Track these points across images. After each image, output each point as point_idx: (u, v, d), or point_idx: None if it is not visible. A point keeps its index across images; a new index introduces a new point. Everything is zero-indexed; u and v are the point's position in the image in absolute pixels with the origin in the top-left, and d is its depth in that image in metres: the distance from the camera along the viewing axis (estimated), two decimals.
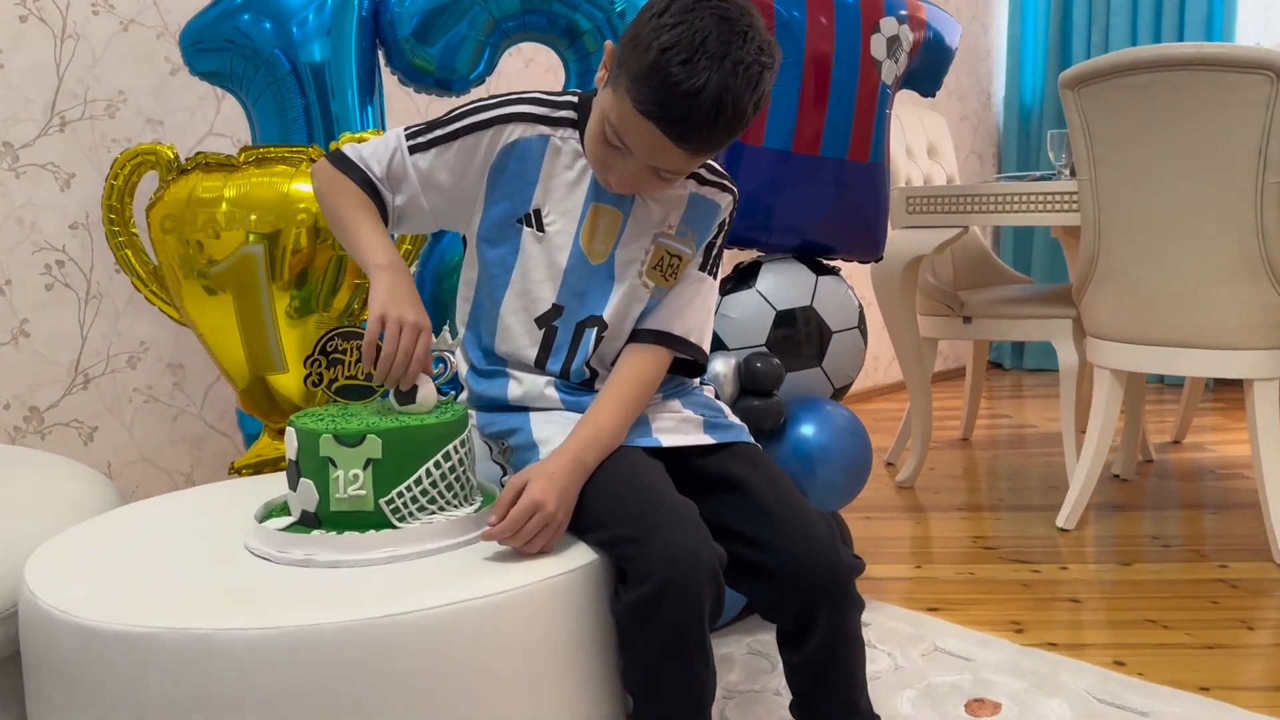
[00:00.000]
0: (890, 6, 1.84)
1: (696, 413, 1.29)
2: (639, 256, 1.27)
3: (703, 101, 1.06)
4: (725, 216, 1.33)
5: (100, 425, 2.23)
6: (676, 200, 1.29)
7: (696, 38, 1.05)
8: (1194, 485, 2.72)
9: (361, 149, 1.25)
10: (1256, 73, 1.94)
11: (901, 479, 2.77)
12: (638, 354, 1.27)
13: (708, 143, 1.12)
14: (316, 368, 1.19)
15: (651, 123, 1.09)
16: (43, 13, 2.10)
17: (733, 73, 1.06)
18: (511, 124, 1.24)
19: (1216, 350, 2.13)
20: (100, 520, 1.24)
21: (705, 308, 1.33)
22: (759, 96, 1.10)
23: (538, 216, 1.25)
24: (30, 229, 2.12)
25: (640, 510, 1.08)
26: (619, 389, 1.23)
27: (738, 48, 1.06)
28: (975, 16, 4.23)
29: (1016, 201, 2.41)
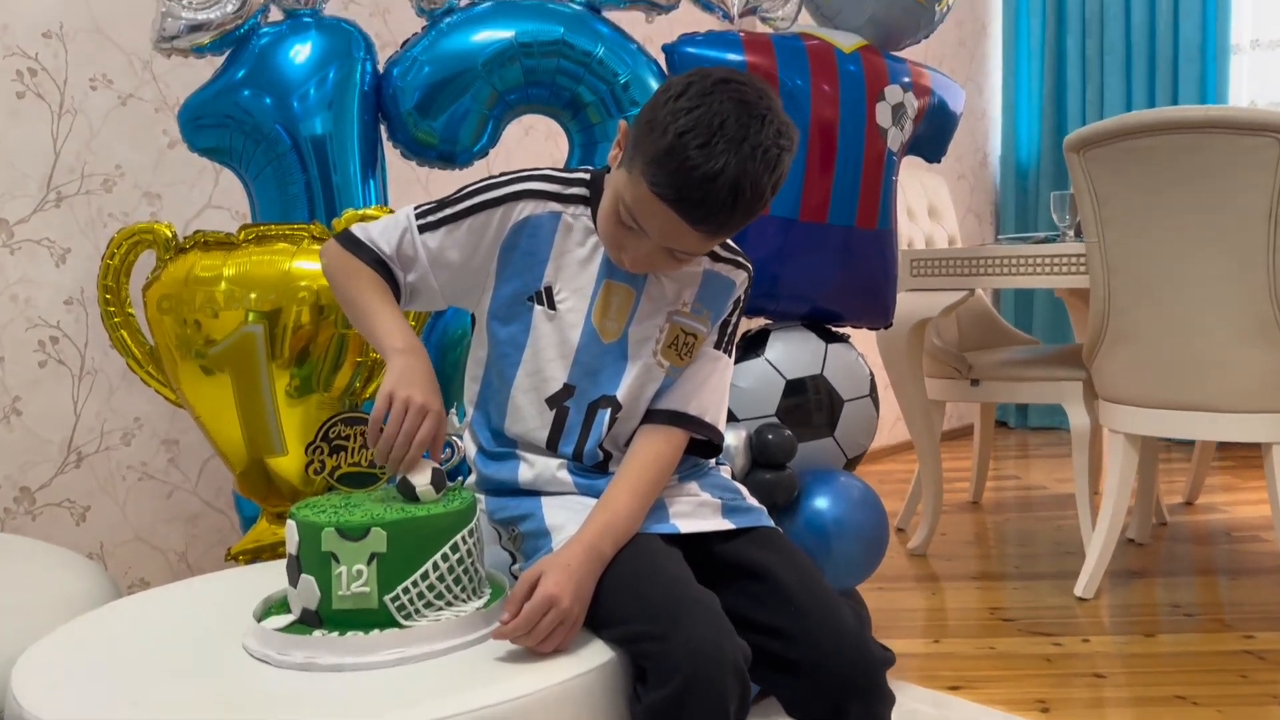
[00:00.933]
0: (894, 74, 1.83)
1: (714, 495, 1.24)
2: (653, 335, 1.23)
3: (720, 186, 1.04)
4: (740, 293, 1.30)
5: (93, 504, 2.17)
6: (691, 277, 1.26)
7: (714, 121, 1.04)
8: (1210, 549, 2.67)
9: (370, 229, 1.22)
10: (1264, 135, 1.93)
11: (913, 546, 2.71)
12: (653, 436, 1.23)
13: (725, 226, 1.09)
14: (319, 455, 1.14)
15: (668, 206, 1.06)
16: (40, 89, 2.09)
17: (751, 156, 1.04)
18: (523, 201, 1.21)
19: (1233, 414, 2.09)
20: (91, 618, 1.19)
21: (721, 387, 1.29)
22: (777, 179, 1.09)
23: (549, 294, 1.22)
24: (24, 305, 2.08)
25: (659, 604, 1.03)
26: (635, 473, 1.18)
27: (756, 131, 1.05)
28: (970, 78, 4.25)
29: (1023, 264, 2.39)
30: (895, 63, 1.86)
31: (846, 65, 1.81)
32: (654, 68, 1.80)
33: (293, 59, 1.67)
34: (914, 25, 1.89)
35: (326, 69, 1.68)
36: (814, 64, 1.79)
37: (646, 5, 1.82)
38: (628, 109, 1.76)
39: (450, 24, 1.72)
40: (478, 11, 1.73)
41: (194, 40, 1.67)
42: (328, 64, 1.68)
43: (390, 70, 1.74)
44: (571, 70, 1.73)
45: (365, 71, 1.71)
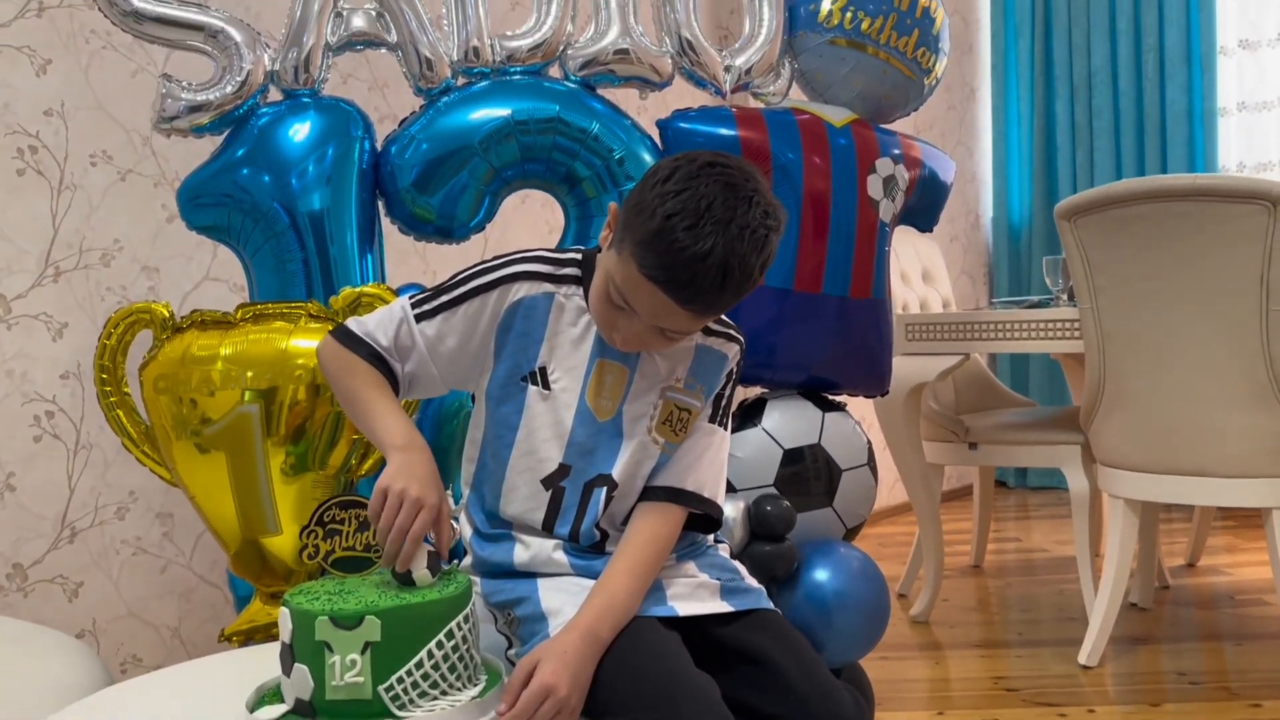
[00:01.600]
0: (885, 147, 1.86)
1: (712, 576, 1.24)
2: (647, 412, 1.24)
3: (709, 266, 1.05)
4: (733, 366, 1.30)
5: (86, 580, 2.15)
6: (683, 353, 1.26)
7: (701, 204, 1.05)
8: (1214, 613, 2.64)
9: (365, 322, 1.23)
10: (1252, 203, 1.95)
11: (915, 613, 2.68)
12: (650, 514, 1.23)
13: (714, 305, 1.10)
14: (313, 539, 1.13)
15: (657, 287, 1.07)
16: (41, 166, 2.11)
17: (738, 237, 1.05)
18: (517, 283, 1.23)
19: (1231, 479, 2.09)
20: (80, 707, 1.17)
21: (718, 461, 1.29)
22: (765, 258, 1.10)
23: (543, 374, 1.23)
24: (20, 380, 2.08)
25: (658, 692, 1.02)
26: (632, 553, 1.18)
27: (743, 212, 1.06)
28: (960, 141, 4.31)
29: (1018, 329, 2.40)
30: (885, 136, 1.88)
31: (837, 139, 1.84)
32: (648, 143, 1.82)
33: (291, 137, 1.69)
34: (903, 99, 1.91)
35: (325, 146, 1.70)
36: (805, 138, 1.82)
37: (640, 82, 1.85)
38: (623, 183, 1.78)
39: (447, 103, 1.75)
40: (474, 90, 1.76)
41: (194, 120, 1.69)
42: (326, 142, 1.70)
43: (388, 148, 1.76)
44: (567, 146, 1.76)
45: (363, 150, 1.73)
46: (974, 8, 4.40)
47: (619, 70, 1.83)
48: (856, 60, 1.86)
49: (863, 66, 1.86)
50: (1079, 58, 4.12)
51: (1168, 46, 3.90)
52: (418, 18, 1.75)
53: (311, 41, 1.71)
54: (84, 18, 2.15)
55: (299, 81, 1.72)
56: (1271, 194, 1.94)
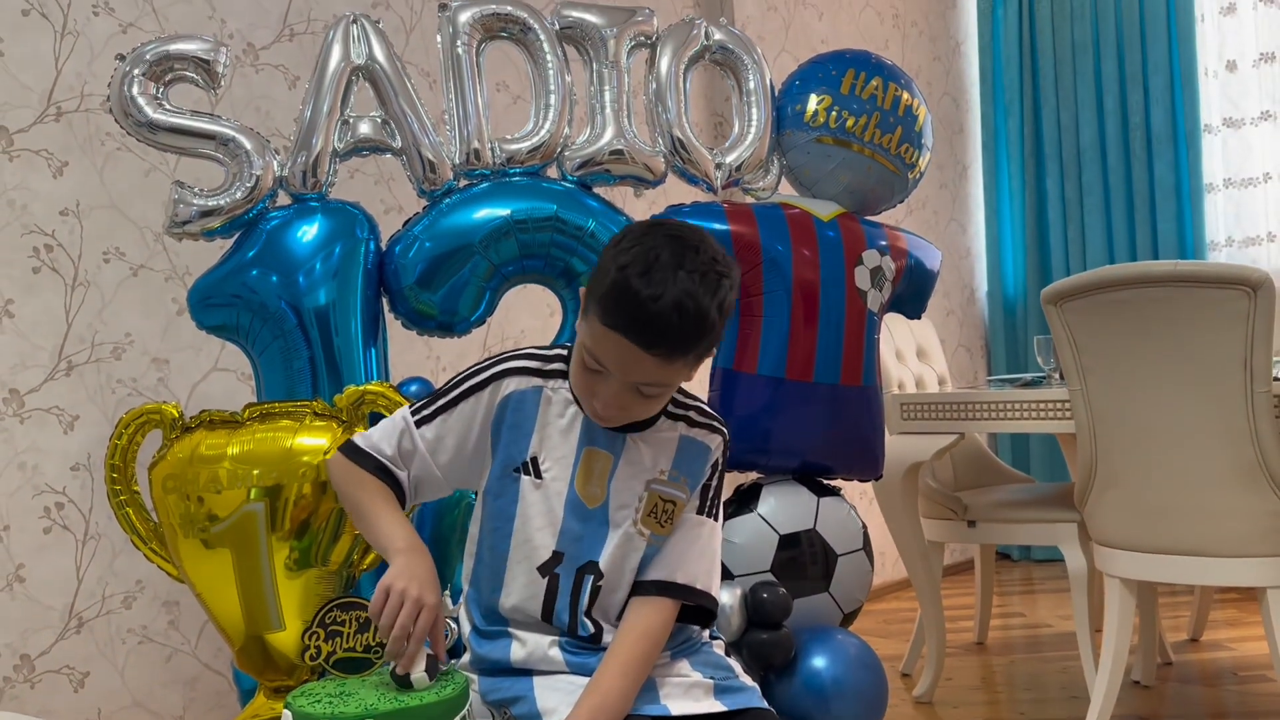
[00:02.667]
0: (871, 239, 1.92)
1: (705, 675, 1.26)
2: (633, 503, 1.28)
3: (664, 306, 1.12)
4: (717, 456, 1.34)
5: (92, 670, 2.17)
6: (667, 443, 1.31)
7: (651, 254, 1.14)
8: (1217, 690, 2.64)
9: (371, 435, 1.30)
10: (1233, 288, 2.00)
11: (919, 694, 2.68)
12: (642, 608, 1.26)
13: (677, 347, 1.15)
14: (315, 640, 1.17)
15: (620, 334, 1.14)
16: (55, 263, 2.18)
17: (689, 278, 1.13)
18: (507, 379, 1.30)
19: (1225, 558, 2.10)
20: None
21: (709, 551, 1.32)
22: (720, 300, 1.16)
23: (535, 464, 1.28)
24: (32, 472, 2.13)
25: None
26: (624, 650, 1.21)
27: (691, 258, 1.15)
28: (953, 217, 4.40)
29: (1011, 409, 2.44)
30: (872, 228, 1.95)
31: (825, 232, 1.90)
32: None
33: (300, 239, 1.76)
34: (888, 193, 1.98)
35: (332, 246, 1.77)
36: (794, 231, 1.88)
37: (635, 180, 1.92)
38: None
39: (449, 204, 1.82)
40: (475, 191, 1.83)
41: (205, 225, 1.76)
42: (333, 242, 1.77)
43: (392, 247, 1.82)
44: (564, 244, 1.82)
45: (369, 250, 1.79)
46: (964, 89, 4.52)
47: (614, 170, 1.90)
48: (842, 157, 1.94)
49: (848, 163, 1.94)
50: (1068, 136, 4.21)
51: (1154, 125, 3.99)
52: (420, 123, 1.82)
53: (319, 148, 1.79)
54: (100, 121, 2.24)
55: (307, 186, 1.79)
56: (1251, 280, 1.99)
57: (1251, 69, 3.85)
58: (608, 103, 1.90)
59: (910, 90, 2.01)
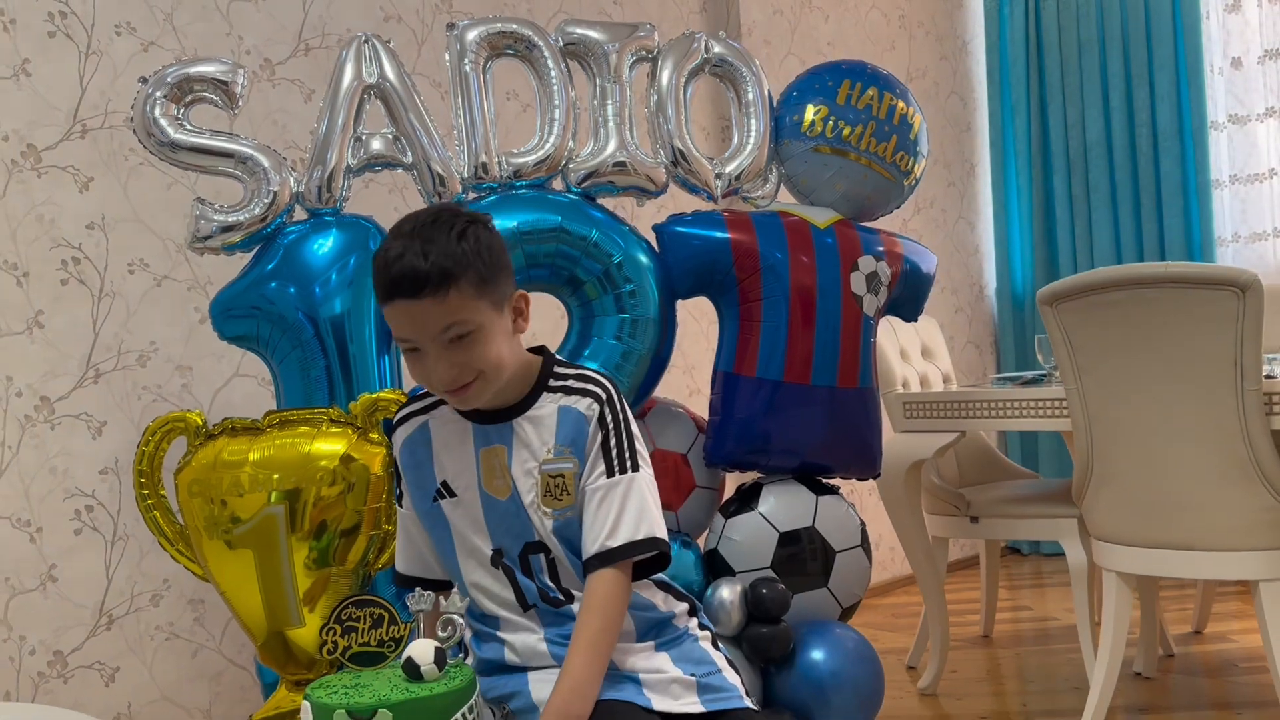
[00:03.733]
0: (867, 245, 1.98)
1: (687, 671, 1.32)
2: (532, 489, 1.34)
3: (406, 260, 1.24)
4: (597, 415, 1.35)
5: (122, 666, 2.26)
6: (547, 419, 1.36)
7: (395, 229, 1.30)
8: (1219, 681, 2.68)
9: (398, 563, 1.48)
10: (1223, 289, 2.04)
11: (923, 686, 2.74)
12: (593, 584, 1.31)
13: (437, 283, 1.24)
14: (332, 635, 1.24)
15: (393, 301, 1.26)
16: (83, 275, 2.27)
17: (424, 235, 1.26)
18: (397, 430, 1.44)
19: (1218, 552, 2.15)
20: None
21: (638, 504, 1.33)
22: (473, 237, 1.27)
23: (446, 487, 1.39)
24: (63, 476, 2.22)
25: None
26: (585, 628, 1.27)
27: (428, 216, 1.30)
28: (961, 215, 4.44)
29: (1011, 407, 2.49)
30: (868, 234, 2.01)
31: (823, 239, 1.96)
32: (644, 245, 1.96)
33: (316, 252, 1.84)
34: (884, 199, 2.04)
35: (347, 257, 1.84)
36: (791, 238, 1.95)
37: (637, 191, 1.99)
38: (621, 285, 1.91)
39: None
40: (483, 205, 1.90)
41: (225, 240, 1.84)
42: (348, 253, 1.84)
43: None
44: (569, 254, 1.89)
45: None
46: (971, 88, 4.56)
47: (617, 181, 1.97)
48: (839, 166, 2.00)
49: (845, 171, 2.00)
50: (1074, 134, 4.24)
51: (1160, 122, 4.01)
52: (430, 138, 1.90)
53: (333, 164, 1.86)
54: (123, 137, 2.32)
55: (322, 201, 1.87)
56: (1240, 281, 2.03)
57: (1257, 65, 3.88)
58: (610, 116, 1.97)
59: (906, 99, 2.07)
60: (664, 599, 1.41)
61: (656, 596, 1.40)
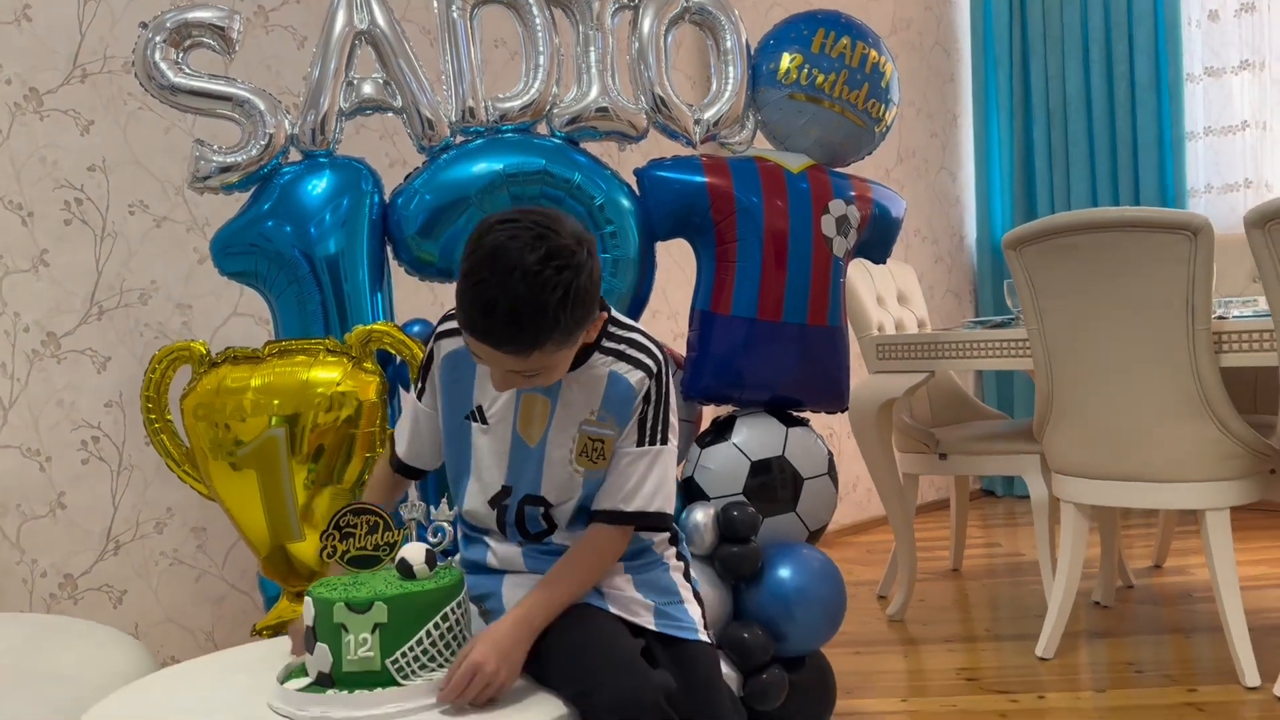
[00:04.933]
0: (838, 190, 2.07)
1: (646, 597, 1.42)
2: (568, 444, 1.40)
3: (499, 314, 1.20)
4: (642, 394, 1.40)
5: (129, 589, 2.38)
6: (596, 382, 1.40)
7: (488, 258, 1.21)
8: (1173, 610, 2.83)
9: (398, 446, 1.52)
10: (1176, 232, 2.15)
11: (891, 612, 2.88)
12: (598, 533, 1.41)
13: (524, 345, 1.23)
14: (330, 540, 1.35)
15: (474, 338, 1.25)
16: (85, 216, 2.35)
17: (521, 281, 1.19)
18: (442, 341, 1.45)
19: (1169, 483, 2.28)
20: (138, 686, 1.39)
21: (660, 476, 1.41)
22: (563, 294, 1.21)
23: (480, 412, 1.43)
24: (69, 409, 2.32)
25: (587, 664, 1.24)
26: (577, 556, 1.37)
27: (524, 259, 1.20)
28: (944, 166, 4.52)
29: (976, 348, 2.61)
30: (839, 179, 2.10)
31: (796, 183, 2.05)
32: (626, 189, 2.05)
33: (310, 192, 1.92)
34: (856, 146, 2.13)
35: (340, 198, 1.93)
36: (766, 183, 2.04)
37: (619, 136, 2.07)
38: (604, 227, 2.00)
39: (447, 159, 1.97)
40: (471, 148, 1.99)
41: (223, 180, 1.92)
42: (341, 195, 1.93)
43: (395, 199, 1.98)
44: (553, 195, 1.98)
45: (373, 202, 1.95)
46: (955, 40, 4.62)
47: (600, 126, 2.05)
48: (813, 113, 2.08)
49: (818, 118, 2.08)
50: (1055, 86, 4.32)
51: (1138, 75, 4.09)
52: (419, 84, 1.98)
53: (326, 108, 1.94)
54: (122, 82, 2.39)
55: (316, 143, 1.95)
56: (1192, 224, 2.14)
57: (1233, 19, 3.95)
58: (593, 63, 2.05)
59: (878, 48, 2.15)
60: None
61: None
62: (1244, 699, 2.16)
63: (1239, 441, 2.21)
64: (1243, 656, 2.22)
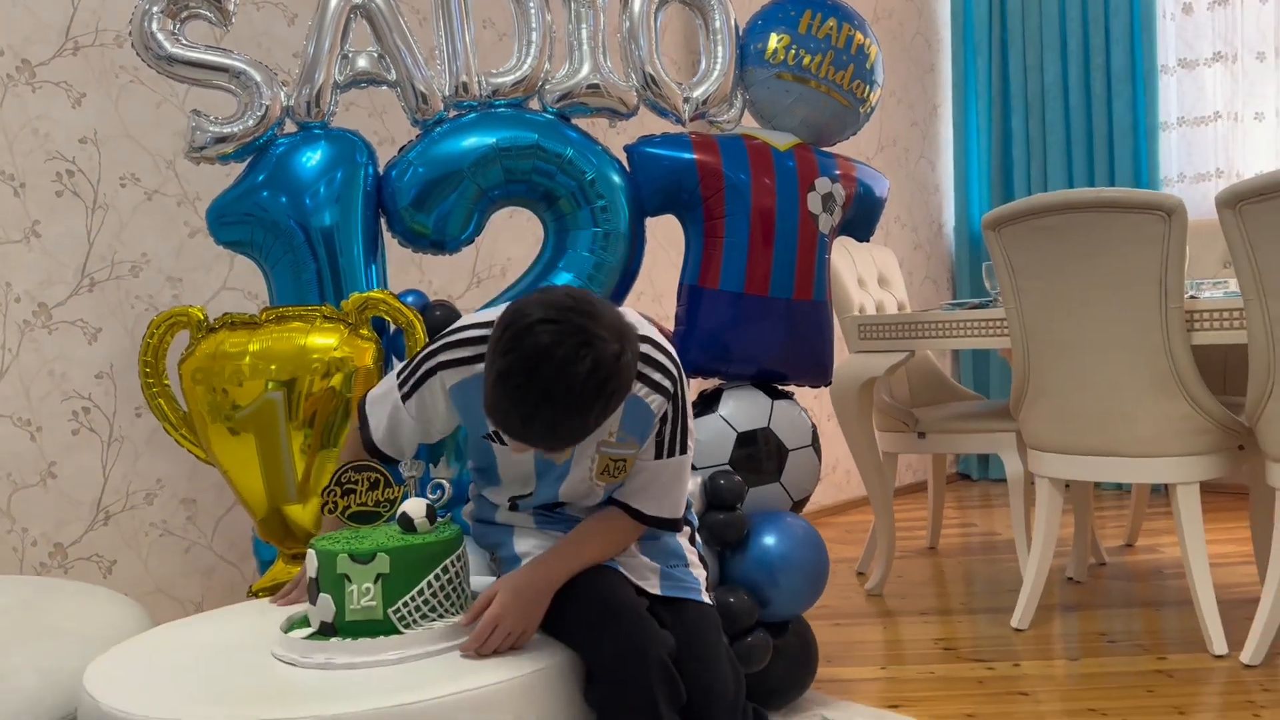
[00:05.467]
0: (824, 168, 2.12)
1: (654, 560, 1.47)
2: (587, 464, 1.42)
3: (535, 428, 1.20)
4: (660, 415, 1.40)
5: (119, 559, 2.40)
6: None
7: (529, 364, 1.15)
8: (1144, 585, 2.90)
9: (374, 433, 1.46)
10: (1150, 213, 2.21)
11: (870, 587, 2.94)
12: (615, 516, 1.44)
13: (560, 446, 1.26)
14: (332, 496, 1.39)
15: (504, 432, 1.25)
16: (77, 188, 2.36)
17: (563, 398, 1.15)
18: (443, 373, 1.39)
19: (1141, 458, 2.35)
20: (141, 639, 1.42)
21: (676, 484, 1.45)
22: (604, 404, 1.19)
23: (498, 435, 1.36)
24: (60, 379, 2.33)
25: (596, 614, 1.28)
26: (601, 531, 1.40)
27: (568, 372, 1.14)
28: (923, 154, 4.58)
29: (955, 328, 2.66)
30: (825, 158, 2.14)
31: (783, 161, 2.10)
32: (616, 164, 2.08)
33: (305, 164, 1.95)
34: (841, 125, 2.18)
35: (334, 171, 1.96)
36: (754, 160, 2.08)
37: (609, 113, 2.11)
38: (594, 201, 2.04)
39: (440, 132, 2.01)
40: (464, 121, 2.02)
41: (219, 150, 1.95)
42: (335, 167, 1.96)
43: (389, 172, 2.01)
44: (545, 169, 2.01)
45: (367, 174, 1.98)
46: (936, 29, 4.68)
47: (591, 102, 2.09)
48: (799, 92, 2.13)
49: (805, 98, 2.13)
50: (1033, 76, 4.39)
51: (1114, 66, 4.17)
52: (414, 58, 2.01)
53: (321, 80, 1.97)
54: (114, 55, 2.40)
55: (311, 115, 1.98)
56: (1166, 205, 2.20)
57: (1206, 12, 4.03)
58: (585, 40, 2.08)
59: (863, 30, 2.20)
60: None
61: None
62: (1212, 666, 2.23)
63: (1209, 417, 2.28)
64: (1211, 626, 2.29)
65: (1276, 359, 2.13)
